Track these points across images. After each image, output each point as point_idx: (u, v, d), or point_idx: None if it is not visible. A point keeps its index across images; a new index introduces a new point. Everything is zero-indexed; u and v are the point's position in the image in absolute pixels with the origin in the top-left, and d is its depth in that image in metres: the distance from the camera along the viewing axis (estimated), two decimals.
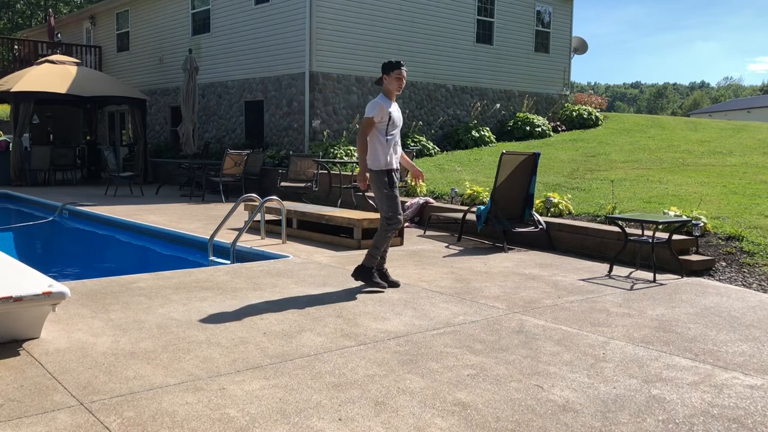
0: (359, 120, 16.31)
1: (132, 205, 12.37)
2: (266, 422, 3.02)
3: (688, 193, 9.94)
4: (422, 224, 9.98)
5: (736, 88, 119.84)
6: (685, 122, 22.64)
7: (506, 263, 7.16)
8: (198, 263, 7.31)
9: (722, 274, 6.69)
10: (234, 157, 13.40)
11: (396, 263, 6.97)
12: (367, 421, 3.06)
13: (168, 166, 17.80)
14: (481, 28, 19.09)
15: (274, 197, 8.16)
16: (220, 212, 11.16)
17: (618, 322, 4.84)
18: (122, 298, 5.17)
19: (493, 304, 5.32)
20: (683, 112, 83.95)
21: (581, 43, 22.60)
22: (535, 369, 3.80)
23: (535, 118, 19.44)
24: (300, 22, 15.65)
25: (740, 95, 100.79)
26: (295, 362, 3.81)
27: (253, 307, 5.02)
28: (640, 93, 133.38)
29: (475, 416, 3.14)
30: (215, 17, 18.38)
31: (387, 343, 4.20)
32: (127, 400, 3.22)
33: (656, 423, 3.12)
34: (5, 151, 16.88)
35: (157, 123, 21.36)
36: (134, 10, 22.09)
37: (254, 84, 17.28)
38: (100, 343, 4.06)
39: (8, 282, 4.08)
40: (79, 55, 23.27)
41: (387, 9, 16.82)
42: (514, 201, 8.24)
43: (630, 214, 7.26)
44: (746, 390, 3.58)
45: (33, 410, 3.08)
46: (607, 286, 6.06)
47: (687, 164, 13.82)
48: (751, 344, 4.40)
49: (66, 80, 16.95)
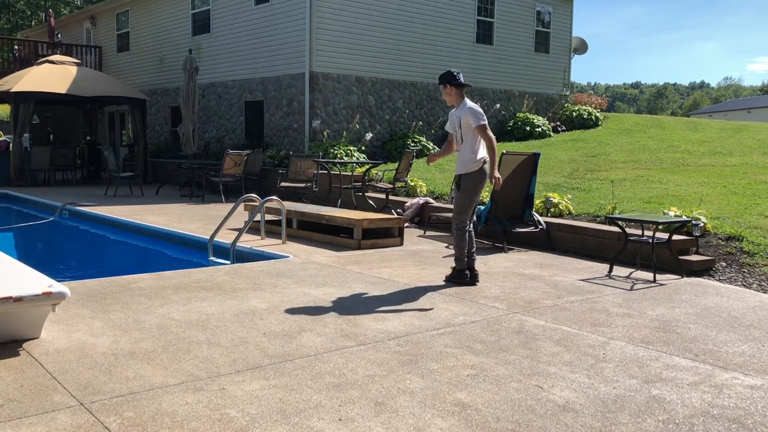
0: (359, 120, 16.32)
1: (132, 205, 12.37)
2: (266, 422, 3.02)
3: (688, 194, 9.94)
4: (422, 224, 9.98)
5: (736, 88, 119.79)
6: (685, 122, 22.64)
7: (506, 263, 7.16)
8: (198, 263, 7.31)
9: (722, 274, 6.69)
10: (234, 158, 13.40)
11: (396, 263, 6.97)
12: (367, 421, 3.06)
13: (168, 167, 17.80)
14: (481, 28, 19.09)
15: (274, 197, 8.16)
16: (220, 212, 11.16)
17: (618, 323, 4.84)
18: (122, 299, 5.17)
19: (493, 304, 5.32)
20: (683, 112, 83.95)
21: (581, 43, 22.60)
22: (535, 369, 3.80)
23: (535, 118, 19.44)
24: (300, 22, 15.65)
25: (740, 95, 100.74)
26: (295, 362, 3.81)
27: (253, 307, 5.02)
28: (640, 93, 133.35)
29: (475, 416, 3.14)
30: (215, 17, 18.38)
31: (387, 344, 4.20)
32: (127, 400, 3.22)
33: (656, 423, 3.12)
34: (5, 152, 16.88)
35: (157, 123, 21.36)
36: (134, 11, 22.08)
37: (254, 84, 17.28)
38: (100, 343, 4.06)
39: (8, 282, 4.08)
40: (79, 56, 23.27)
41: (387, 9, 16.82)
42: (514, 201, 8.24)
43: (630, 215, 7.26)
44: (746, 390, 3.58)
45: (33, 410, 3.08)
46: (607, 286, 6.06)
47: (687, 164, 13.82)
48: (751, 344, 4.40)
49: (66, 80, 16.95)
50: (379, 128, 16.99)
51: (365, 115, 16.72)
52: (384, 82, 17.07)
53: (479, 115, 5.87)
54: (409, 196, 11.35)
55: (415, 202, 10.34)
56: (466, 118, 5.90)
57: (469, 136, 5.93)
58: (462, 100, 6.03)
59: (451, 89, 5.98)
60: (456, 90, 5.99)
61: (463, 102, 6.02)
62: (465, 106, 5.98)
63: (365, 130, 16.55)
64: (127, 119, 22.52)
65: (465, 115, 5.91)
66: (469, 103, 6.03)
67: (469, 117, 5.87)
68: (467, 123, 5.90)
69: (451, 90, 5.99)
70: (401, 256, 7.41)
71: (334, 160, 12.81)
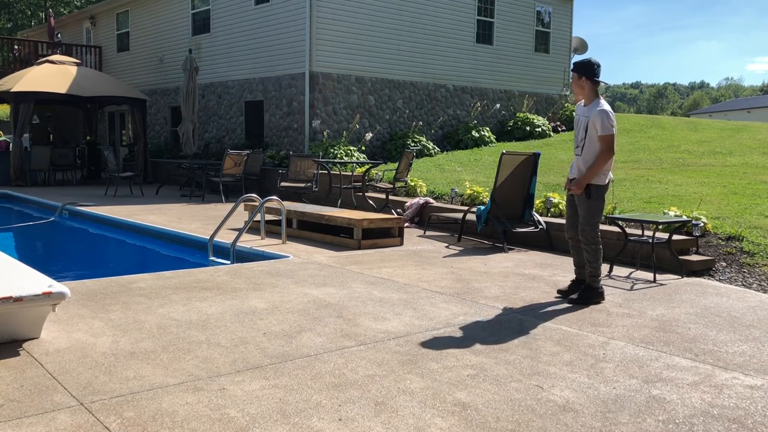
0: (359, 120, 16.31)
1: (132, 205, 12.37)
2: (266, 422, 3.02)
3: (688, 193, 9.93)
4: (422, 224, 9.98)
5: (736, 88, 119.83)
6: (685, 122, 22.64)
7: (506, 263, 7.16)
8: (198, 263, 7.31)
9: (722, 274, 6.69)
10: (234, 158, 13.40)
11: (396, 263, 6.97)
12: (367, 421, 3.06)
13: (168, 166, 17.80)
14: (481, 28, 19.09)
15: (274, 197, 8.16)
16: (220, 212, 11.16)
17: (618, 323, 4.84)
18: (122, 299, 5.17)
19: (493, 304, 5.32)
20: (683, 112, 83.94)
21: (581, 43, 22.60)
22: (535, 369, 3.80)
23: (535, 118, 19.45)
24: (300, 22, 15.65)
25: (740, 95, 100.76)
26: (295, 362, 3.81)
27: (253, 307, 5.02)
28: (640, 93, 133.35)
29: (475, 416, 3.14)
30: (215, 17, 18.38)
31: (387, 344, 4.20)
32: (127, 400, 3.22)
33: (656, 423, 3.12)
34: (5, 152, 16.88)
35: (157, 123, 21.36)
36: (134, 11, 22.08)
37: (254, 84, 17.28)
38: (100, 343, 4.06)
39: (8, 282, 4.08)
40: (79, 55, 23.27)
41: (387, 9, 16.82)
42: (514, 201, 8.24)
43: (630, 214, 7.26)
44: (746, 390, 3.57)
45: (33, 410, 3.08)
46: (607, 286, 6.06)
47: (687, 164, 13.82)
48: (751, 344, 4.40)
49: (66, 80, 16.95)
50: (379, 128, 16.99)
51: (365, 115, 16.71)
52: (384, 82, 17.07)
53: (610, 125, 5.18)
54: (409, 196, 11.35)
55: (415, 202, 10.34)
56: (593, 122, 5.24)
57: (595, 140, 5.28)
58: (595, 98, 5.33)
59: (585, 82, 5.29)
60: (591, 85, 5.30)
61: (596, 100, 5.31)
62: (597, 106, 5.26)
63: (365, 130, 16.55)
64: (127, 119, 22.52)
65: (594, 117, 5.23)
66: (603, 103, 5.28)
67: (597, 121, 5.21)
68: (594, 127, 5.25)
69: (585, 83, 5.30)
70: (401, 256, 7.40)
71: (334, 160, 12.81)
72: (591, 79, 5.27)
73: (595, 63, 5.28)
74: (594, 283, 5.44)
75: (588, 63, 5.28)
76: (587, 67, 5.26)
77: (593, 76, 5.27)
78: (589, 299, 5.40)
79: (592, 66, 5.26)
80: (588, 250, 5.43)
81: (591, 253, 5.42)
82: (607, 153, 5.21)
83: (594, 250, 5.40)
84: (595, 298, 5.42)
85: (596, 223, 5.40)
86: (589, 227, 5.38)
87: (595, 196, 5.32)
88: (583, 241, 5.44)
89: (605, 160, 5.23)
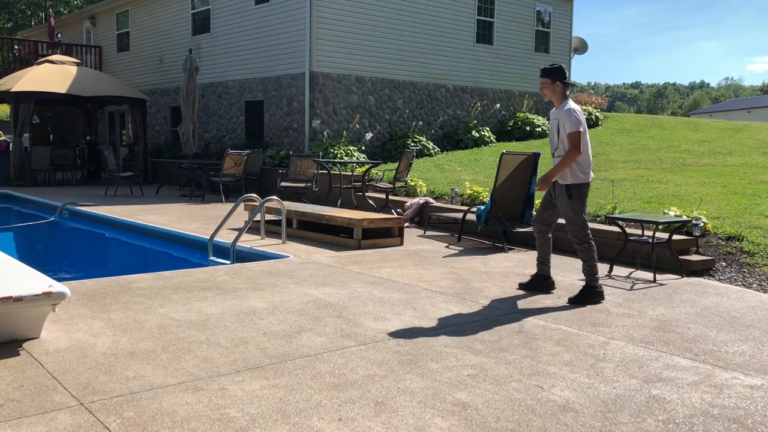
0: (359, 120, 16.31)
1: (132, 205, 12.37)
2: (266, 422, 3.02)
3: (688, 193, 9.94)
4: (422, 224, 9.98)
5: (736, 88, 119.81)
6: (685, 122, 22.65)
7: (506, 263, 7.16)
8: (198, 263, 7.31)
9: (722, 274, 6.69)
10: (234, 157, 13.40)
11: (396, 263, 6.97)
12: (367, 421, 3.06)
13: (168, 166, 17.80)
14: (481, 28, 19.10)
15: (274, 197, 8.16)
16: (220, 212, 11.16)
17: (618, 322, 4.84)
18: (122, 298, 5.17)
19: (493, 304, 5.32)
20: (683, 112, 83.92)
21: (581, 43, 22.61)
22: (535, 369, 3.80)
23: (535, 118, 19.45)
24: (300, 22, 15.65)
25: (740, 95, 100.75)
26: (295, 362, 3.81)
27: (253, 307, 5.02)
28: (640, 93, 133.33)
29: (475, 416, 3.14)
30: (215, 17, 18.38)
31: (387, 343, 4.20)
32: (127, 400, 3.22)
33: (656, 423, 3.12)
34: (5, 151, 16.88)
35: (157, 123, 21.36)
36: (134, 10, 22.08)
37: (254, 84, 17.29)
38: (100, 343, 4.06)
39: (8, 282, 4.08)
40: (79, 55, 23.28)
41: (387, 9, 16.82)
42: (514, 201, 8.24)
43: (630, 214, 7.26)
44: (746, 390, 3.58)
45: (33, 410, 3.08)
46: (607, 286, 6.06)
47: (687, 164, 13.82)
48: (751, 344, 4.40)
49: (66, 80, 16.95)
50: (379, 128, 16.99)
51: (365, 115, 16.72)
52: (384, 82, 17.07)
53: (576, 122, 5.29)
54: (409, 196, 11.35)
55: (415, 202, 10.34)
56: (562, 122, 5.37)
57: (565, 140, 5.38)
58: (564, 100, 5.47)
59: (558, 86, 5.43)
60: (563, 88, 5.45)
61: (565, 101, 5.46)
62: (565, 107, 5.41)
63: (365, 130, 16.55)
64: (127, 119, 22.52)
65: (563, 118, 5.37)
66: (569, 103, 5.43)
67: (565, 121, 5.34)
68: (563, 127, 5.36)
69: (558, 87, 5.44)
70: (401, 256, 7.41)
71: (334, 160, 12.81)
72: (563, 82, 5.48)
73: (563, 67, 5.58)
74: (593, 282, 5.45)
75: (559, 68, 5.52)
76: (559, 72, 5.48)
77: (565, 79, 5.49)
78: (588, 299, 5.41)
79: (563, 70, 5.52)
80: (581, 249, 5.46)
81: (585, 252, 5.45)
82: (573, 150, 5.28)
83: (587, 248, 5.44)
84: (594, 297, 5.43)
85: (584, 221, 5.46)
86: (577, 227, 5.44)
87: (576, 196, 5.40)
88: (574, 241, 5.49)
89: (572, 158, 5.30)
